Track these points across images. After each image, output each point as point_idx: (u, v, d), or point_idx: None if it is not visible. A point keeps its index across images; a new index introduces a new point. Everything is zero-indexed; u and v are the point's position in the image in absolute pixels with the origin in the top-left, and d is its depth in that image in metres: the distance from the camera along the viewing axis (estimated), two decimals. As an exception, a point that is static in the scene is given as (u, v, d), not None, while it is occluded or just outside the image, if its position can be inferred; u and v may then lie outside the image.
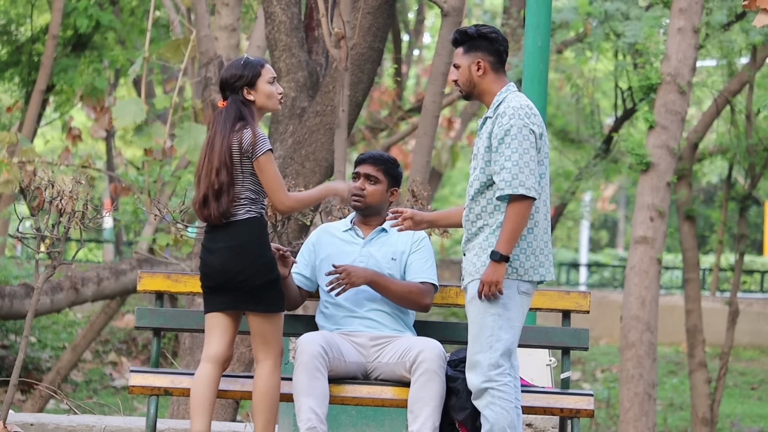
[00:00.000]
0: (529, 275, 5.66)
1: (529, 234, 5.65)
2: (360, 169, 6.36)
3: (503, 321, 5.62)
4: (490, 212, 5.69)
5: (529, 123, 5.61)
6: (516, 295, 5.65)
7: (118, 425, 7.28)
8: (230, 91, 5.89)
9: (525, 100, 5.70)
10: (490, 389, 5.61)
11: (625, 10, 15.38)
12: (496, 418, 5.60)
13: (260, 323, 5.83)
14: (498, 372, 5.61)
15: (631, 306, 11.71)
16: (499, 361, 5.61)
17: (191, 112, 13.14)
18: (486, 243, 5.66)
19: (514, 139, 5.59)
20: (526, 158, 5.58)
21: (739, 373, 21.22)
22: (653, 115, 11.77)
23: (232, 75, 5.89)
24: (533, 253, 5.67)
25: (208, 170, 5.81)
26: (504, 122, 5.63)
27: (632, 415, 11.58)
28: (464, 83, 5.80)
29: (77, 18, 16.39)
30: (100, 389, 17.81)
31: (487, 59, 5.76)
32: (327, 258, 6.29)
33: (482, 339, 5.62)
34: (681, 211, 16.18)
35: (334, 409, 6.48)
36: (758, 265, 30.03)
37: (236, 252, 5.78)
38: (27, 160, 12.18)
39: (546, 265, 5.70)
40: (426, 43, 27.63)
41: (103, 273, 14.11)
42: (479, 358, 5.62)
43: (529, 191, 5.55)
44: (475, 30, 5.77)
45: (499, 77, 5.78)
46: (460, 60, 5.80)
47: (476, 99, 5.83)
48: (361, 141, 19.55)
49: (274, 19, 9.44)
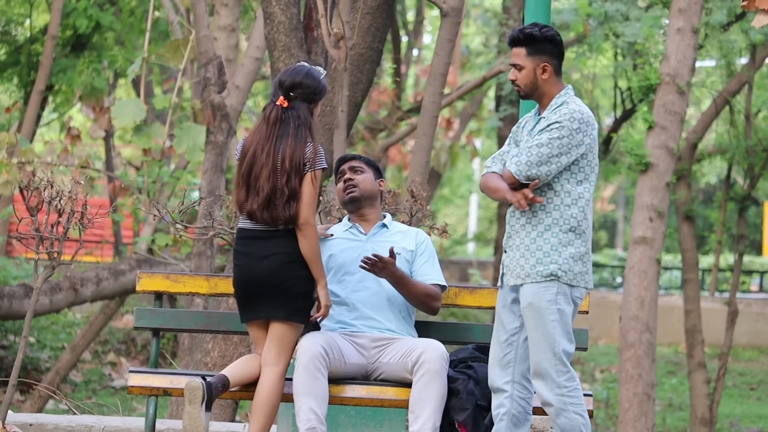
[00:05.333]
0: (577, 281, 5.68)
1: (577, 239, 5.68)
2: (344, 165, 6.47)
3: (562, 326, 5.65)
4: (534, 211, 5.71)
5: (575, 130, 5.63)
6: (571, 301, 5.69)
7: (117, 425, 7.28)
8: (301, 99, 5.88)
9: (585, 108, 5.72)
10: (561, 396, 5.63)
11: (624, 11, 15.39)
12: (572, 425, 5.63)
13: (286, 331, 5.89)
14: (566, 378, 5.65)
15: (630, 306, 11.71)
16: (565, 366, 5.65)
17: (190, 112, 13.13)
18: (534, 246, 5.68)
19: (552, 134, 5.62)
20: (545, 152, 5.60)
21: (738, 374, 21.22)
22: (652, 116, 11.77)
23: (314, 86, 5.91)
24: (581, 259, 5.69)
25: (274, 171, 5.83)
26: (555, 117, 5.66)
27: (631, 415, 11.58)
28: (527, 85, 5.79)
29: (76, 18, 16.38)
30: (99, 389, 17.79)
31: (552, 62, 5.77)
32: (331, 258, 6.31)
33: (545, 346, 5.64)
34: (680, 212, 16.17)
35: (333, 410, 6.48)
36: (757, 266, 30.03)
37: (292, 259, 5.84)
38: (26, 161, 12.18)
39: (590, 273, 5.73)
40: (425, 44, 27.63)
41: (102, 273, 14.10)
42: (545, 366, 5.64)
43: (518, 174, 5.60)
44: (540, 32, 5.75)
45: (559, 80, 5.81)
46: (522, 61, 5.77)
47: (534, 99, 5.84)
48: (360, 141, 19.55)
49: (273, 20, 9.43)
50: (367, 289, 6.27)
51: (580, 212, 5.68)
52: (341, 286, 6.29)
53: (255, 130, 5.94)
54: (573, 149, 5.63)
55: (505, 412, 5.81)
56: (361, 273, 6.26)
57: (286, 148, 5.83)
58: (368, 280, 6.27)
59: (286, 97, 5.90)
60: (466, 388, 5.95)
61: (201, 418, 5.70)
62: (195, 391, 5.71)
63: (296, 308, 5.90)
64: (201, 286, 6.43)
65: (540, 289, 5.65)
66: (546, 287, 5.64)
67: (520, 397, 5.82)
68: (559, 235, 5.65)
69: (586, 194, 5.70)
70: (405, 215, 7.26)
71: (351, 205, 6.43)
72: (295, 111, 5.89)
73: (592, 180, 5.72)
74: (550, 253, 5.65)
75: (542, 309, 5.63)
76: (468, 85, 17.96)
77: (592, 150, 5.71)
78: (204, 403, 5.70)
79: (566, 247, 5.65)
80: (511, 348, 5.81)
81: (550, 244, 5.65)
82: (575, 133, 5.63)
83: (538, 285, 5.65)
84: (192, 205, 7.42)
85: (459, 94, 17.85)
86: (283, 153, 5.83)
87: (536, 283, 5.65)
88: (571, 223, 5.66)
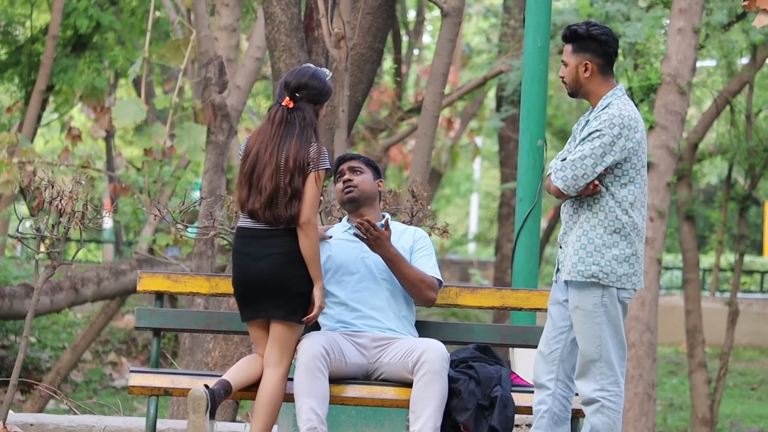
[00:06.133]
0: (622, 282, 5.66)
1: (622, 241, 5.67)
2: (343, 166, 6.45)
3: (610, 328, 5.65)
4: (583, 211, 5.72)
5: (615, 135, 5.62)
6: (618, 302, 5.67)
7: (118, 425, 7.28)
8: (307, 100, 5.87)
9: (628, 110, 5.69)
10: (601, 398, 5.63)
11: (625, 11, 15.39)
12: (603, 428, 5.62)
13: (286, 331, 5.89)
14: (610, 381, 5.64)
15: (630, 306, 11.70)
16: (612, 370, 5.64)
17: (191, 112, 13.13)
18: (578, 243, 5.69)
19: (594, 143, 5.62)
20: (588, 163, 5.61)
21: (739, 374, 21.21)
22: (653, 116, 11.77)
23: (320, 87, 5.90)
24: (626, 261, 5.67)
25: (277, 171, 5.84)
26: (596, 125, 5.65)
27: (632, 415, 11.58)
28: (570, 82, 5.79)
29: (77, 18, 16.37)
30: (99, 389, 17.79)
31: (595, 61, 5.74)
32: (329, 258, 6.31)
33: (591, 348, 5.64)
34: (681, 212, 16.17)
35: (334, 410, 6.48)
36: (758, 266, 30.02)
37: (291, 258, 5.83)
38: (27, 161, 12.18)
39: (639, 274, 5.71)
40: (426, 43, 27.61)
41: (102, 273, 14.10)
42: (590, 367, 5.64)
43: (566, 190, 5.62)
44: (586, 30, 5.74)
45: (606, 79, 5.77)
46: (568, 58, 5.78)
47: (581, 98, 5.83)
48: (361, 141, 19.54)
49: (273, 20, 9.43)
50: (367, 289, 6.26)
51: (624, 214, 5.67)
52: (340, 287, 6.29)
53: (259, 130, 5.94)
54: (616, 155, 5.64)
55: (546, 410, 5.81)
56: (360, 273, 6.26)
57: (290, 148, 5.83)
58: (367, 280, 6.27)
59: (291, 98, 5.90)
60: (467, 388, 5.95)
61: (206, 428, 5.69)
62: (198, 400, 5.69)
63: (295, 308, 5.89)
64: (202, 286, 6.44)
65: (586, 292, 5.66)
66: (591, 291, 5.65)
67: (563, 395, 5.82)
68: (604, 236, 5.67)
69: (629, 197, 5.68)
70: (406, 215, 7.26)
71: (349, 205, 6.43)
72: (300, 112, 5.89)
73: (639, 182, 5.70)
74: (593, 254, 5.66)
75: (589, 312, 5.64)
76: (469, 85, 17.96)
77: (636, 153, 5.68)
78: (208, 412, 5.70)
79: (610, 248, 5.65)
80: (559, 345, 5.82)
81: (594, 244, 5.67)
82: (617, 139, 5.63)
83: (584, 288, 5.66)
84: (193, 205, 7.42)
85: (460, 94, 17.85)
86: (287, 153, 5.83)
87: (583, 286, 5.66)
88: (615, 225, 5.66)
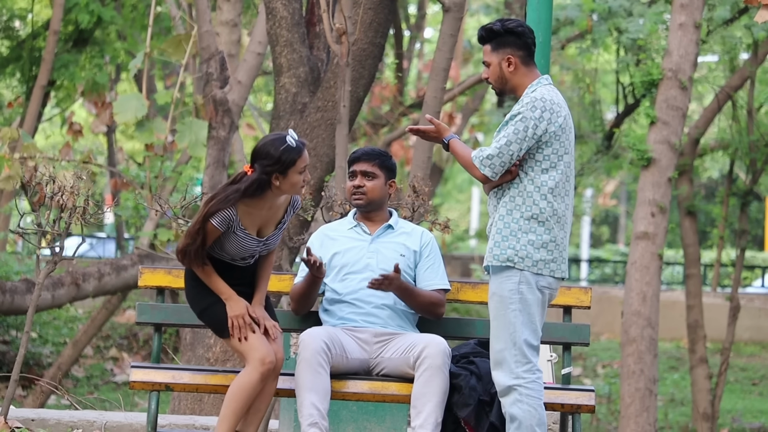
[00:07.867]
0: (539, 268, 5.60)
1: (539, 227, 5.63)
2: (356, 167, 6.40)
3: (524, 316, 5.60)
4: (501, 197, 5.69)
5: (536, 118, 5.57)
6: (536, 290, 5.62)
7: (119, 421, 7.28)
8: (260, 168, 5.75)
9: (551, 95, 5.64)
10: (517, 387, 5.58)
11: (627, 7, 15.39)
12: (525, 417, 5.57)
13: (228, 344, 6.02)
14: (525, 369, 5.59)
15: (632, 301, 11.71)
16: (525, 357, 5.59)
17: (192, 107, 13.13)
18: (495, 229, 5.66)
19: (513, 126, 5.58)
20: (513, 148, 5.56)
21: (740, 369, 21.22)
22: (654, 111, 11.77)
23: (269, 157, 5.74)
24: (544, 247, 5.62)
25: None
26: (517, 108, 5.62)
27: (633, 410, 11.58)
28: (496, 80, 5.75)
29: (78, 13, 16.36)
30: (101, 385, 17.81)
31: (517, 54, 5.70)
32: (335, 256, 6.32)
33: (505, 335, 5.60)
34: (682, 207, 16.17)
35: (335, 405, 6.48)
36: (759, 261, 30.01)
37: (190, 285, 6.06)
38: (28, 156, 12.17)
39: (558, 261, 5.65)
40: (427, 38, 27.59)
41: (104, 269, 14.10)
42: (505, 355, 5.59)
43: (494, 177, 5.59)
44: (501, 25, 5.71)
45: (530, 70, 5.72)
46: (489, 57, 5.73)
47: (509, 94, 5.79)
48: (362, 136, 19.54)
49: (275, 15, 9.43)
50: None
51: (542, 200, 5.61)
52: (344, 285, 6.29)
53: None
54: (537, 137, 5.58)
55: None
56: (365, 272, 6.27)
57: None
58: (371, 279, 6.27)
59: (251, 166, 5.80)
60: (469, 383, 5.95)
61: None
62: None
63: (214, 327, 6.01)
64: (203, 282, 6.41)
65: (503, 278, 5.62)
66: (508, 276, 5.61)
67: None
68: (520, 221, 5.62)
69: (550, 182, 5.61)
70: (407, 210, 7.25)
71: (356, 208, 6.44)
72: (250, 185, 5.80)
73: (561, 169, 5.63)
74: (508, 238, 5.62)
75: (505, 298, 5.60)
76: (470, 81, 17.95)
77: (558, 139, 5.62)
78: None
79: (526, 233, 5.60)
80: None
81: (510, 229, 5.63)
82: (538, 122, 5.58)
83: (501, 272, 5.62)
84: (194, 201, 7.41)
85: (461, 89, 17.85)
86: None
87: (500, 270, 5.62)
88: (533, 210, 5.61)
